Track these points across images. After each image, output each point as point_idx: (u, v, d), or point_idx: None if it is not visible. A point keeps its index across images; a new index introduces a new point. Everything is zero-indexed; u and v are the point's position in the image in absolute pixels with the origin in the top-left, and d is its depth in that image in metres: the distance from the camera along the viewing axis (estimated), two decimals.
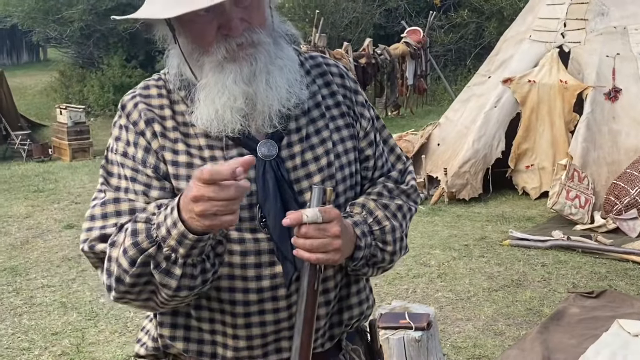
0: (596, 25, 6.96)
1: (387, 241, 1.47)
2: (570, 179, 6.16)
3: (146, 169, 1.38)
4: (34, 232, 6.55)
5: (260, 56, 1.35)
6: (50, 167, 9.57)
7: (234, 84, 1.34)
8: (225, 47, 1.33)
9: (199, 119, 1.36)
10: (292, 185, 1.39)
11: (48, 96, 14.54)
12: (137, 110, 1.41)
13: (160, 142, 1.39)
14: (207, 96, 1.35)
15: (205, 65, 1.36)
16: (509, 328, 4.17)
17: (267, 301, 1.38)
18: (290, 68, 1.40)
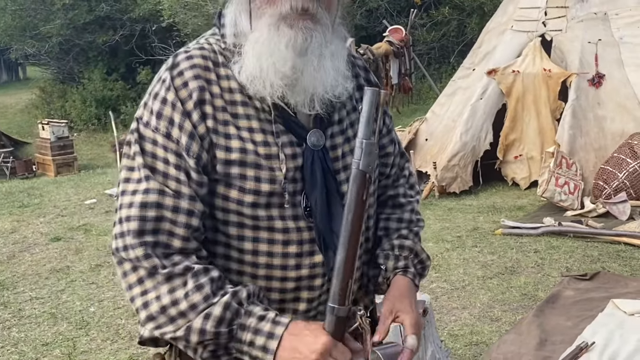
0: (577, 12, 6.97)
1: (426, 265, 1.62)
2: (559, 166, 6.16)
3: (189, 159, 1.29)
4: (20, 246, 6.45)
5: (316, 35, 1.32)
6: (34, 183, 9.47)
7: (286, 48, 1.30)
8: (291, 4, 1.30)
9: (242, 72, 1.32)
10: (335, 176, 1.39)
11: (29, 114, 14.44)
12: (188, 88, 1.31)
13: (209, 124, 1.31)
14: (256, 51, 1.31)
15: (265, 17, 1.32)
16: (505, 314, 4.13)
17: (303, 290, 1.38)
18: (341, 57, 1.38)
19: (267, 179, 1.32)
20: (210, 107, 1.31)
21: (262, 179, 1.32)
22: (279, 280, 1.36)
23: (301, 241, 1.35)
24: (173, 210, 1.28)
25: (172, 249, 1.27)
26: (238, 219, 1.33)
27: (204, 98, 1.31)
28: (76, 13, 12.69)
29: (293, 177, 1.34)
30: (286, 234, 1.34)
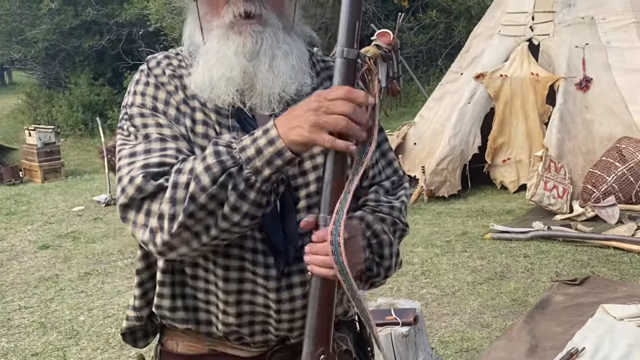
0: (564, 16, 7.01)
1: (384, 255, 1.44)
2: (547, 169, 6.19)
3: (180, 127, 1.36)
4: (8, 254, 6.40)
5: (267, 36, 1.35)
6: (21, 190, 9.40)
7: (234, 55, 1.34)
8: (233, 12, 1.35)
9: (193, 82, 1.37)
10: (289, 181, 1.38)
11: (15, 119, 14.32)
12: (165, 74, 1.42)
13: (182, 108, 1.39)
14: (207, 62, 1.36)
15: (214, 30, 1.37)
16: (495, 320, 4.14)
17: (260, 287, 1.38)
18: (296, 55, 1.38)
19: None
20: (182, 92, 1.39)
21: None
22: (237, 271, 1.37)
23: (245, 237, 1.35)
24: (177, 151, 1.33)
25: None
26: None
27: (177, 84, 1.40)
28: (62, 18, 12.60)
29: None
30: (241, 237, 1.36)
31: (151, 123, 1.36)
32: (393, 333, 3.05)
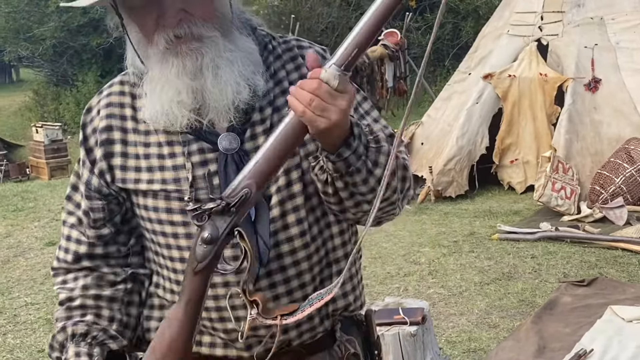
0: (573, 16, 6.98)
1: (379, 162, 1.28)
2: (555, 170, 6.16)
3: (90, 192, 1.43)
4: (14, 250, 6.41)
5: (206, 50, 1.30)
6: (28, 187, 9.43)
7: (177, 78, 1.30)
8: (164, 38, 1.29)
9: (145, 114, 1.35)
10: None
11: (23, 116, 14.38)
12: (99, 116, 1.42)
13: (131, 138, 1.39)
14: (153, 90, 1.33)
15: (151, 57, 1.33)
16: (502, 320, 4.13)
17: (236, 297, 1.32)
18: (243, 61, 1.33)
19: (174, 189, 1.36)
20: (118, 132, 1.40)
21: (169, 190, 1.36)
22: (210, 287, 1.33)
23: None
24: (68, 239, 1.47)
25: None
26: (160, 227, 1.38)
27: (111, 124, 1.40)
28: (70, 15, 12.64)
29: (209, 183, 1.34)
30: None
31: (75, 200, 1.46)
32: (401, 332, 3.04)
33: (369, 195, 1.29)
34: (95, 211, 1.43)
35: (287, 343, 1.40)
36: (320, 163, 1.31)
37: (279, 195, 1.36)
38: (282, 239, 1.36)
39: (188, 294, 1.25)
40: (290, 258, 1.37)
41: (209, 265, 1.24)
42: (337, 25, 13.22)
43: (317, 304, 1.23)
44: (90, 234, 1.43)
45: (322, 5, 13.17)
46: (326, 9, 13.10)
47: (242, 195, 1.22)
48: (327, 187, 1.32)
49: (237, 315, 1.33)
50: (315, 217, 1.40)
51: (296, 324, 1.37)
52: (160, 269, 1.43)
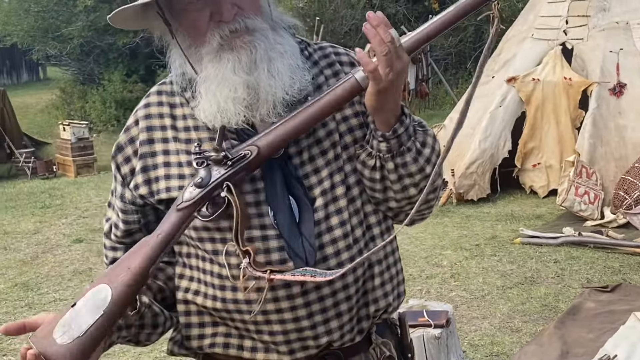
0: (598, 21, 6.96)
1: (427, 143, 1.37)
2: (579, 175, 6.15)
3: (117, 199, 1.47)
4: (43, 247, 6.54)
5: (259, 43, 1.32)
6: (55, 184, 9.58)
7: (234, 73, 1.31)
8: (219, 34, 1.31)
9: (202, 113, 1.35)
10: (302, 181, 1.37)
11: (50, 114, 14.54)
12: (137, 127, 1.44)
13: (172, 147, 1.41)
14: (208, 89, 1.33)
15: (204, 57, 1.34)
16: (525, 325, 4.15)
17: (283, 300, 1.35)
18: (291, 54, 1.36)
19: None
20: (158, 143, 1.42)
21: None
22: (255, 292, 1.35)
23: (268, 249, 1.34)
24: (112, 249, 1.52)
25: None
26: (208, 234, 1.38)
27: (152, 137, 1.42)
28: (97, 15, 12.78)
29: (254, 187, 1.35)
30: (250, 243, 1.33)
31: (112, 202, 1.50)
32: (425, 335, 3.08)
33: (417, 176, 1.36)
34: (131, 223, 1.46)
35: (328, 345, 1.41)
36: (367, 150, 1.37)
37: (323, 198, 1.38)
38: (326, 241, 1.37)
39: (162, 227, 1.31)
40: (334, 260, 1.37)
41: (191, 206, 1.30)
42: (361, 27, 13.22)
43: (307, 277, 1.28)
44: (125, 240, 1.47)
45: (346, 7, 13.20)
46: (350, 11, 13.12)
47: (242, 154, 1.30)
48: (375, 172, 1.37)
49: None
50: (358, 219, 1.42)
51: (339, 325, 1.39)
52: (202, 275, 1.42)
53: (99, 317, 1.25)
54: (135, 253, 1.31)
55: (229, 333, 1.43)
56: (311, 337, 1.38)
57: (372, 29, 1.24)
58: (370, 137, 1.36)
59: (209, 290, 1.41)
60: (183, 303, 1.45)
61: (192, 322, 1.45)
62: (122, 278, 1.28)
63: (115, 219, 1.48)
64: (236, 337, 1.43)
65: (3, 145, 10.45)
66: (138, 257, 1.30)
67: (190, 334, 1.45)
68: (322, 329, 1.38)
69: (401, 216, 1.46)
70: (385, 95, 1.28)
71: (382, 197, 1.41)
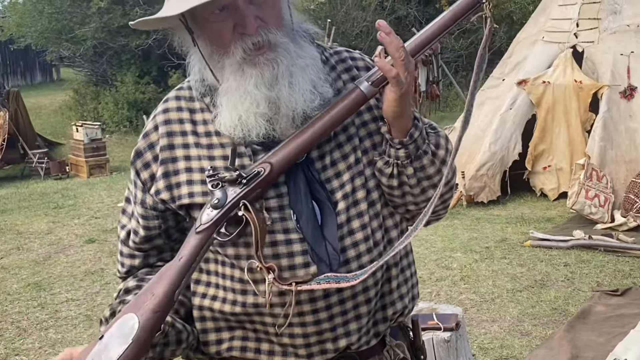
0: (609, 24, 6.95)
1: (440, 144, 1.41)
2: (589, 178, 6.15)
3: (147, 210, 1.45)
4: (55, 247, 6.60)
5: (281, 59, 1.33)
6: (68, 184, 9.65)
7: (256, 89, 1.32)
8: (242, 47, 1.32)
9: (222, 124, 1.36)
10: (324, 185, 1.39)
11: (63, 115, 14.65)
12: (157, 132, 1.44)
13: (193, 153, 1.40)
14: (229, 101, 1.34)
15: (226, 67, 1.34)
16: (535, 328, 4.15)
17: (305, 303, 1.37)
18: (312, 67, 1.37)
19: None
20: (179, 149, 1.42)
21: None
22: (278, 295, 1.36)
23: (292, 253, 1.35)
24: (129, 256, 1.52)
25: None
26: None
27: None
28: (111, 17, 12.85)
29: (277, 192, 1.37)
30: (275, 248, 1.35)
31: (128, 212, 1.50)
32: (434, 338, 3.08)
33: (436, 178, 1.40)
34: (152, 229, 1.45)
35: (345, 349, 1.43)
36: (384, 159, 1.40)
37: (345, 201, 1.39)
38: (348, 244, 1.39)
39: (183, 251, 1.32)
40: (356, 263, 1.39)
41: (210, 227, 1.32)
42: (372, 29, 13.24)
43: (332, 284, 1.31)
44: (144, 247, 1.48)
45: (357, 9, 13.22)
46: (361, 13, 13.14)
47: (256, 171, 1.32)
48: (393, 180, 1.40)
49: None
50: (378, 222, 1.44)
51: (358, 328, 1.41)
52: (222, 279, 1.43)
53: (128, 346, 1.25)
54: (158, 279, 1.31)
55: (246, 336, 1.44)
56: (330, 339, 1.40)
57: (387, 36, 1.29)
58: (386, 146, 1.40)
59: (228, 295, 1.41)
60: (198, 309, 1.45)
61: (209, 327, 1.45)
62: (147, 305, 1.28)
63: (134, 225, 1.48)
64: (253, 341, 1.44)
65: (17, 145, 10.54)
66: (162, 283, 1.30)
67: (207, 340, 1.46)
68: (341, 331, 1.40)
69: (418, 219, 1.46)
70: (406, 99, 1.33)
71: (401, 201, 1.44)
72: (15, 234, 7.09)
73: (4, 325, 4.74)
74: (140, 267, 1.49)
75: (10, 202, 8.69)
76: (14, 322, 4.79)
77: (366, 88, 1.35)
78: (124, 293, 1.45)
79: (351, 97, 1.35)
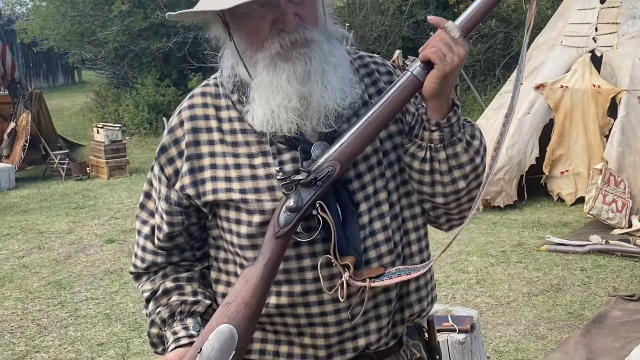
0: (628, 28, 6.93)
1: (475, 135, 1.44)
2: (607, 183, 6.13)
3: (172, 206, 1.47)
4: (76, 247, 6.69)
5: (314, 54, 1.34)
6: (88, 185, 9.77)
7: (288, 83, 1.33)
8: (280, 43, 1.33)
9: (254, 118, 1.37)
10: (346, 186, 1.40)
11: (84, 116, 14.80)
12: (182, 128, 1.45)
13: (218, 149, 1.41)
14: (261, 95, 1.36)
15: (259, 62, 1.35)
16: (550, 332, 4.16)
17: (327, 303, 1.39)
18: (344, 66, 1.39)
19: (268, 199, 1.39)
20: (204, 145, 1.43)
21: (263, 200, 1.39)
22: (300, 295, 1.39)
23: (314, 253, 1.37)
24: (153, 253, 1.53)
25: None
26: (250, 242, 1.40)
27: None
28: (132, 20, 12.96)
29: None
30: (297, 248, 1.37)
31: (149, 207, 1.51)
32: (449, 340, 3.10)
33: (468, 167, 1.41)
34: (176, 225, 1.46)
35: (364, 349, 1.45)
36: (417, 143, 1.42)
37: (366, 203, 1.41)
38: (369, 245, 1.41)
39: (267, 256, 1.32)
40: (377, 263, 1.41)
41: (290, 231, 1.33)
42: (390, 34, 13.25)
43: (404, 276, 1.36)
44: (167, 245, 1.49)
45: (376, 13, 13.23)
46: (379, 17, 13.14)
47: (328, 171, 1.33)
48: (425, 164, 1.42)
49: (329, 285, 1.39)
50: (397, 224, 1.46)
51: (378, 328, 1.43)
52: None
53: (233, 356, 1.29)
54: (246, 286, 1.32)
55: (265, 339, 1.46)
56: (350, 338, 1.42)
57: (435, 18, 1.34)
58: (420, 130, 1.41)
59: None
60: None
61: None
62: (244, 314, 1.31)
63: (158, 221, 1.48)
64: (272, 343, 1.46)
65: (38, 146, 10.68)
66: (254, 291, 1.32)
67: None
68: (361, 330, 1.43)
69: (442, 219, 1.51)
70: (447, 80, 1.34)
71: (430, 191, 1.45)
72: (36, 234, 7.20)
73: (25, 322, 4.82)
74: (163, 264, 1.51)
75: (32, 202, 8.81)
76: (34, 319, 4.88)
77: (419, 72, 1.36)
78: (164, 294, 1.48)
79: (407, 84, 1.36)
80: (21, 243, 6.86)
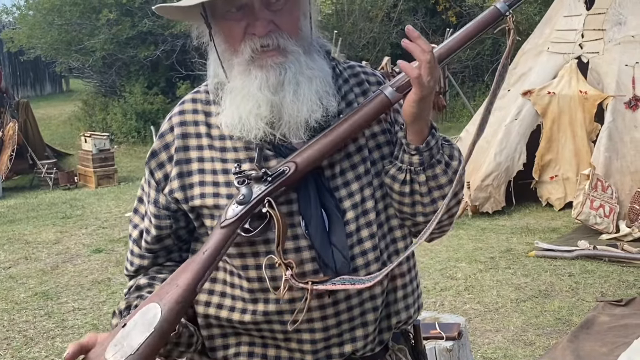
0: (614, 34, 6.97)
1: (454, 156, 1.46)
2: (594, 188, 6.16)
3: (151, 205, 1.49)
4: (63, 257, 6.64)
5: (290, 65, 1.36)
6: (76, 194, 9.71)
7: (259, 91, 1.35)
8: (250, 47, 1.36)
9: (223, 122, 1.40)
10: (333, 193, 1.41)
11: (72, 125, 14.74)
12: (172, 133, 1.47)
13: (206, 154, 1.43)
14: (232, 101, 1.38)
15: (235, 67, 1.38)
16: (538, 338, 4.16)
17: (314, 310, 1.40)
18: (320, 80, 1.40)
19: None
20: (193, 151, 1.44)
21: None
22: (287, 302, 1.39)
23: (301, 261, 1.38)
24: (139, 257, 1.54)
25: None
26: (237, 250, 1.41)
27: (187, 145, 1.45)
28: (120, 28, 12.95)
29: (287, 198, 1.39)
30: (284, 255, 1.36)
31: (141, 212, 1.52)
32: (437, 347, 3.10)
33: (447, 188, 1.43)
34: (164, 228, 1.48)
35: (350, 355, 1.46)
36: (397, 165, 1.43)
37: (354, 211, 1.42)
38: (356, 253, 1.42)
39: (208, 245, 1.35)
40: (364, 271, 1.41)
41: (235, 223, 1.35)
42: (379, 41, 13.31)
43: (348, 285, 1.35)
44: (154, 247, 1.50)
45: (365, 20, 13.29)
46: (368, 24, 13.20)
47: (281, 169, 1.35)
48: (405, 186, 1.43)
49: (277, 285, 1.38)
50: (383, 232, 1.47)
51: (364, 335, 1.44)
52: (230, 288, 1.45)
53: (150, 335, 1.28)
54: (182, 271, 1.35)
55: (253, 342, 1.47)
56: (337, 344, 1.43)
57: (411, 42, 1.34)
58: (400, 152, 1.43)
59: (237, 304, 1.44)
60: (204, 317, 1.47)
61: (215, 333, 1.48)
62: (170, 296, 1.32)
63: (147, 224, 1.50)
64: (260, 347, 1.46)
65: (26, 156, 10.63)
66: (186, 275, 1.33)
67: (214, 345, 1.48)
68: (347, 337, 1.43)
69: (426, 226, 1.49)
70: (425, 102, 1.36)
71: (410, 211, 1.46)
72: (23, 244, 7.15)
73: (12, 334, 4.78)
74: (149, 266, 1.53)
75: (18, 212, 8.75)
76: (21, 330, 4.83)
77: (390, 93, 1.39)
78: (136, 290, 1.49)
79: (375, 102, 1.39)
80: (8, 253, 6.81)
